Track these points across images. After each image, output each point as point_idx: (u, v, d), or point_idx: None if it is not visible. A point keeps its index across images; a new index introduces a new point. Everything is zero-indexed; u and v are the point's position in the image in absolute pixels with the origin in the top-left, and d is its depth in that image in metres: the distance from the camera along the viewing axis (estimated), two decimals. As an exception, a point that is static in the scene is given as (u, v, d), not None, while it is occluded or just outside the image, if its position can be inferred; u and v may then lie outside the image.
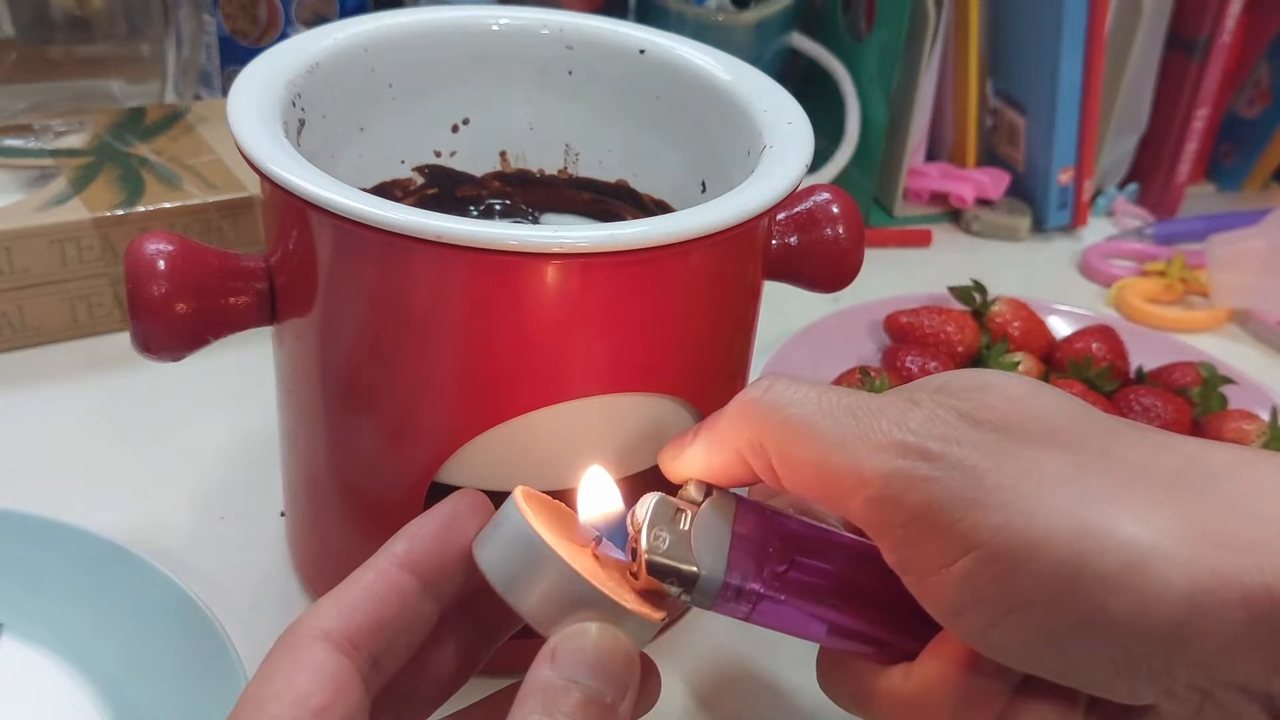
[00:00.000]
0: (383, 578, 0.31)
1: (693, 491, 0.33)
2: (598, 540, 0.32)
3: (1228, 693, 0.27)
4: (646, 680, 0.31)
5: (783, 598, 0.32)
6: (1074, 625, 0.27)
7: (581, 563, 0.31)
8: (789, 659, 0.44)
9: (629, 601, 0.31)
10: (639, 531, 0.31)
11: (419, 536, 0.31)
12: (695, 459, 0.33)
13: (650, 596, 0.32)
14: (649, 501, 0.32)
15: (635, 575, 0.31)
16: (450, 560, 0.31)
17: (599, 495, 0.33)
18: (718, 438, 0.32)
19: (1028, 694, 0.30)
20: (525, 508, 0.31)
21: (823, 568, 0.33)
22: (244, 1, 0.72)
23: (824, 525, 0.34)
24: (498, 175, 0.48)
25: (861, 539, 0.33)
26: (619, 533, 0.33)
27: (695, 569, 0.31)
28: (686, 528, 0.32)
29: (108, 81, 0.69)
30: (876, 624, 0.33)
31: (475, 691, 0.42)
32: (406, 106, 0.45)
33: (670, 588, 0.31)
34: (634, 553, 0.31)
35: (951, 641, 0.31)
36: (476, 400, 0.36)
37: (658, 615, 0.31)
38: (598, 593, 0.30)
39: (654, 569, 0.31)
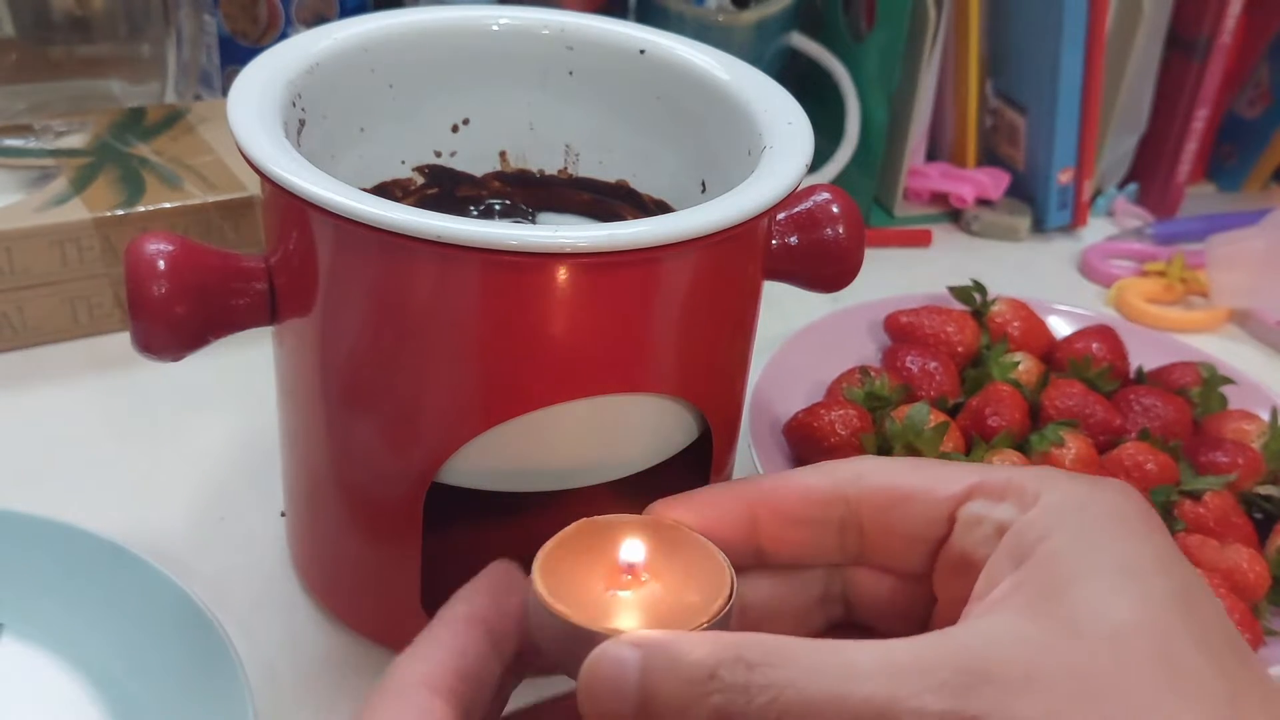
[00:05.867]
0: (457, 633, 0.30)
1: None
2: (633, 566, 0.30)
3: None
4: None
5: None
6: None
7: (636, 599, 0.29)
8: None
9: (694, 603, 0.29)
10: None
11: (473, 600, 0.31)
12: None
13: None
14: None
15: None
16: (505, 620, 0.31)
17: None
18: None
19: None
20: (544, 586, 0.29)
21: None
22: (244, 1, 0.72)
23: None
24: (498, 175, 0.48)
25: None
26: None
27: None
28: None
29: (108, 81, 0.69)
30: None
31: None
32: (406, 106, 0.45)
33: None
34: None
35: None
36: (476, 400, 0.36)
37: (727, 581, 0.29)
38: (656, 637, 0.27)
39: None
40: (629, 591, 0.29)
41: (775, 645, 0.26)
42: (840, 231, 0.40)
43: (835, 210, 0.40)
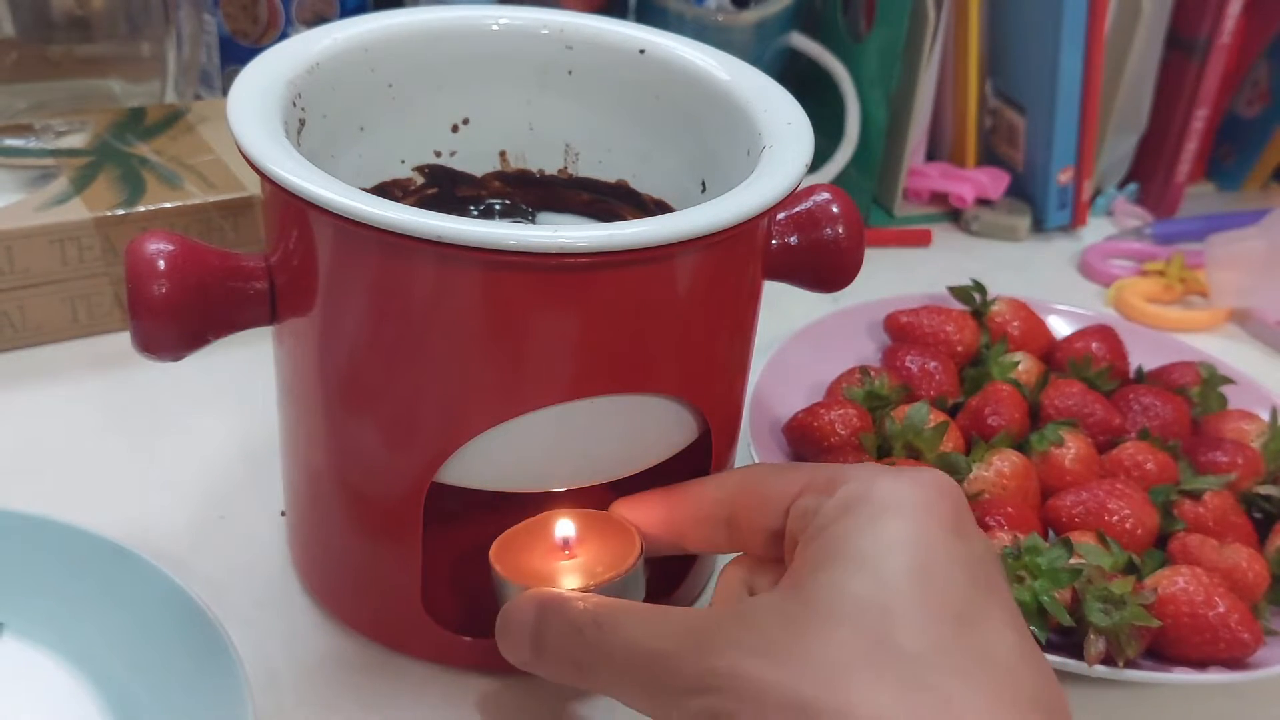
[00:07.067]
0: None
1: None
2: (566, 540, 0.38)
3: None
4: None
5: None
6: None
7: (566, 567, 0.38)
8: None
9: (598, 572, 0.37)
10: None
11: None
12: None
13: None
14: None
15: None
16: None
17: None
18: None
19: None
20: (495, 554, 0.38)
21: None
22: (244, 1, 0.72)
23: None
24: (498, 175, 0.48)
25: None
26: None
27: None
28: None
29: (108, 81, 0.69)
30: None
31: (461, 690, 0.43)
32: (406, 106, 0.45)
33: None
34: None
35: None
36: (476, 400, 0.36)
37: (635, 554, 0.37)
38: (549, 597, 0.36)
39: None
40: (565, 562, 0.38)
41: (618, 611, 0.34)
42: (840, 231, 0.40)
43: (835, 210, 0.40)
